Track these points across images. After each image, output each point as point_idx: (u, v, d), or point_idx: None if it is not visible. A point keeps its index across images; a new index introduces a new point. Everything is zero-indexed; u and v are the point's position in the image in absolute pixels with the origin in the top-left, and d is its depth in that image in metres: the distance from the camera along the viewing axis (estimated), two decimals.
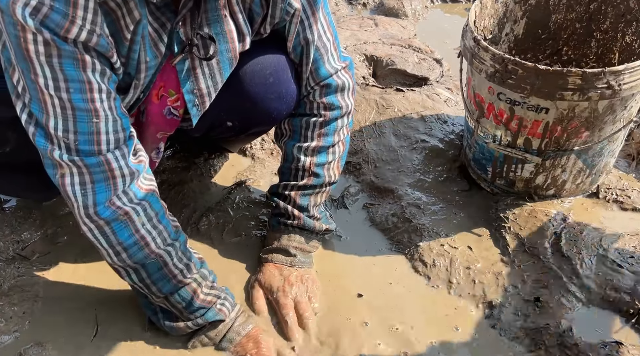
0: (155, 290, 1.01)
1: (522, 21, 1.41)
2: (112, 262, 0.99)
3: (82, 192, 0.92)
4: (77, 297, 1.18)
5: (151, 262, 0.98)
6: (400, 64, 1.81)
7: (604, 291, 1.11)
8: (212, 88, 1.04)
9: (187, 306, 1.03)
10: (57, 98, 0.85)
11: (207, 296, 1.05)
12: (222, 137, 1.34)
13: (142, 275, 0.99)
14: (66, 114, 0.87)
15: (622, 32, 1.36)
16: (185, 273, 1.02)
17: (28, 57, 0.82)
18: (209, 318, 1.06)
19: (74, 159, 0.90)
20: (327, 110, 1.16)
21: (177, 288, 1.02)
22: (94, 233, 0.95)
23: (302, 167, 1.19)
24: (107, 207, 0.93)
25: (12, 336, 1.10)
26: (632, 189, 1.33)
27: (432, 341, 1.08)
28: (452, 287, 1.17)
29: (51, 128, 0.88)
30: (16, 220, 1.34)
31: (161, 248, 0.98)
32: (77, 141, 0.89)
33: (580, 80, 1.07)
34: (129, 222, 0.95)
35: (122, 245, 0.96)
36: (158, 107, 1.06)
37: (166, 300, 1.03)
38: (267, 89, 1.11)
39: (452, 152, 1.50)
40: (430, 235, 1.26)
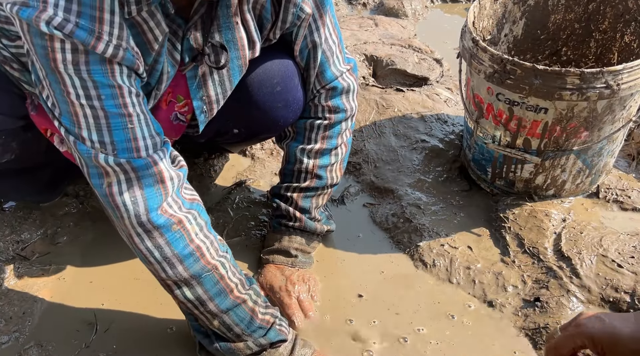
0: (213, 306, 0.93)
1: (521, 22, 1.41)
2: (167, 277, 0.90)
3: (132, 200, 0.86)
4: (77, 297, 1.18)
5: (207, 274, 0.92)
6: (400, 64, 1.81)
7: (604, 292, 1.11)
8: (220, 95, 1.04)
9: (246, 327, 0.96)
10: (88, 107, 0.82)
11: (265, 316, 0.99)
12: (227, 142, 1.34)
13: (199, 291, 0.92)
14: (99, 124, 0.83)
15: (621, 32, 1.36)
16: (240, 288, 0.96)
17: (56, 68, 0.79)
18: (271, 338, 0.98)
19: (121, 162, 0.85)
20: (332, 113, 1.15)
21: (235, 304, 0.95)
22: (147, 246, 0.88)
23: (305, 169, 1.18)
24: (160, 214, 0.87)
25: (12, 336, 1.10)
26: (632, 189, 1.33)
27: (433, 341, 1.08)
28: (452, 287, 1.16)
29: (87, 141, 0.84)
30: (16, 220, 1.34)
31: (215, 259, 0.93)
32: (116, 150, 0.85)
33: (578, 80, 1.07)
34: (183, 232, 0.89)
35: (178, 257, 0.89)
36: (166, 113, 1.06)
37: (223, 323, 0.95)
38: (275, 98, 1.10)
39: (452, 152, 1.50)
40: (430, 235, 1.26)
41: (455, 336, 1.09)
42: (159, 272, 0.91)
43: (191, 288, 0.92)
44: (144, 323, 1.13)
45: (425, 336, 1.09)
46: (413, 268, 1.22)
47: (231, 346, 0.97)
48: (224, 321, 0.95)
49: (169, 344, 1.09)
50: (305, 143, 1.18)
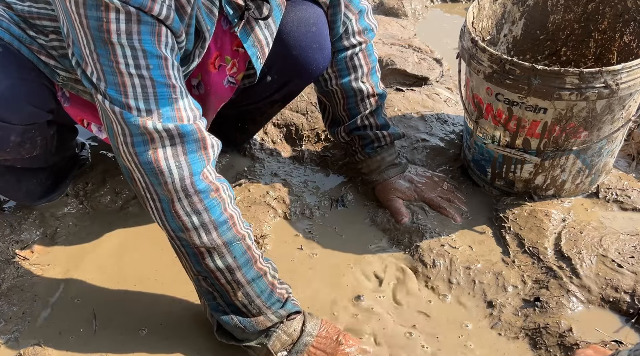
0: (240, 275, 0.97)
1: (520, 22, 1.41)
2: (201, 243, 0.94)
3: (176, 164, 0.90)
4: (76, 297, 1.19)
5: (237, 243, 0.96)
6: (400, 64, 1.81)
7: (604, 291, 1.11)
8: (269, 38, 1.10)
9: (267, 299, 1.00)
10: (137, 76, 0.86)
11: (281, 290, 1.02)
12: (254, 103, 1.35)
13: (229, 259, 0.96)
14: (147, 93, 0.88)
15: (620, 32, 1.36)
16: (262, 260, 1.01)
17: (109, 39, 0.83)
18: (289, 309, 1.02)
19: (169, 127, 0.89)
20: (364, 34, 1.27)
21: (258, 275, 0.99)
22: (187, 211, 0.92)
23: (367, 94, 1.30)
24: (202, 179, 0.92)
25: (12, 336, 1.10)
26: (632, 189, 1.33)
27: (433, 342, 1.08)
28: (452, 287, 1.17)
29: (134, 110, 0.88)
30: (16, 220, 1.34)
31: (244, 229, 0.98)
32: (161, 118, 0.89)
33: (577, 79, 1.07)
34: (220, 199, 0.94)
35: (214, 223, 0.94)
36: (218, 77, 1.12)
37: (246, 294, 0.98)
38: (311, 37, 1.18)
39: (452, 151, 1.50)
40: (430, 235, 1.26)
41: (455, 336, 1.09)
42: (194, 239, 0.94)
43: (222, 257, 0.95)
44: (144, 323, 1.13)
45: (426, 336, 1.09)
46: (413, 268, 1.22)
47: (251, 320, 1.00)
48: (247, 293, 0.98)
49: (169, 343, 1.09)
50: (354, 73, 1.29)
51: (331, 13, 1.22)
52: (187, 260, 0.98)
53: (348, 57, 1.27)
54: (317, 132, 1.59)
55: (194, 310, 1.15)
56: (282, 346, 1.02)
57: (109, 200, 1.41)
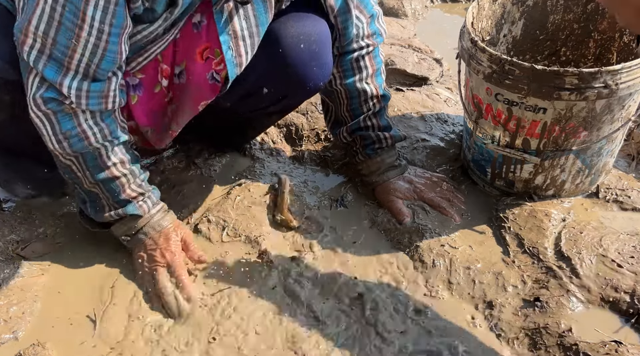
0: (89, 175, 1.10)
1: (520, 22, 1.41)
2: (53, 148, 1.07)
3: (36, 85, 1.00)
4: (76, 297, 1.18)
5: (88, 151, 1.08)
6: (400, 64, 1.81)
7: (603, 291, 1.11)
8: (246, 31, 1.09)
9: (114, 197, 1.13)
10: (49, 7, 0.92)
11: (132, 192, 1.15)
12: (249, 113, 1.35)
13: (80, 160, 1.08)
14: (51, 23, 0.93)
15: (619, 32, 1.36)
16: (118, 167, 1.11)
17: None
18: (128, 211, 1.15)
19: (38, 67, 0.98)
20: (372, 38, 1.28)
21: (108, 178, 1.11)
22: (40, 118, 1.03)
23: (370, 95, 1.31)
24: (54, 98, 1.01)
25: (12, 336, 1.10)
26: (632, 189, 1.33)
27: (433, 342, 1.08)
28: (452, 288, 1.17)
29: (32, 26, 0.94)
30: (16, 220, 1.34)
31: (99, 142, 1.07)
32: (55, 45, 0.95)
33: (577, 79, 1.07)
34: (74, 115, 1.04)
35: (65, 135, 1.05)
36: (202, 68, 1.11)
37: (97, 187, 1.12)
38: (311, 56, 1.17)
39: (452, 151, 1.50)
40: (430, 235, 1.26)
41: (455, 336, 1.08)
42: (47, 143, 1.06)
43: (73, 161, 1.09)
44: (144, 323, 1.13)
45: (426, 336, 1.09)
46: (413, 268, 1.22)
47: (98, 212, 1.17)
48: (99, 187, 1.13)
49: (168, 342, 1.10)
50: (359, 74, 1.29)
51: (341, 20, 1.21)
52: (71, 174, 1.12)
53: (354, 58, 1.28)
54: (317, 132, 1.59)
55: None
56: (122, 233, 1.19)
57: None
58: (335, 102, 1.34)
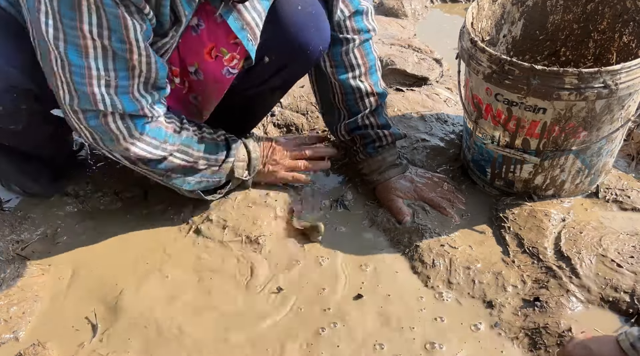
0: (195, 151, 1.19)
1: (520, 22, 1.41)
2: (163, 155, 1.14)
3: (125, 126, 1.06)
4: (77, 297, 1.19)
5: (184, 138, 1.17)
6: (400, 64, 1.81)
7: (603, 291, 1.11)
8: (258, 18, 1.12)
9: (217, 150, 1.23)
10: (99, 43, 0.95)
11: (220, 137, 1.25)
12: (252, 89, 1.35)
13: (183, 148, 1.17)
14: (107, 56, 0.97)
15: (619, 33, 1.36)
16: (198, 132, 1.21)
17: (78, 4, 0.90)
18: (235, 146, 1.26)
19: (117, 107, 1.03)
20: (358, 33, 1.29)
21: (204, 143, 1.21)
22: (141, 147, 1.10)
23: (365, 93, 1.32)
24: (143, 125, 1.08)
25: (12, 336, 1.10)
26: (631, 189, 1.33)
27: (433, 342, 1.08)
28: (452, 288, 1.17)
29: (93, 69, 0.97)
30: (16, 220, 1.34)
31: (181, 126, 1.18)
32: (117, 77, 0.99)
33: (576, 79, 1.07)
34: (159, 124, 1.12)
35: (165, 141, 1.13)
36: (215, 66, 1.16)
37: (204, 158, 1.20)
38: (309, 18, 1.19)
39: (452, 151, 1.50)
40: (430, 235, 1.26)
41: (455, 336, 1.09)
42: (157, 157, 1.13)
43: (180, 151, 1.17)
44: (144, 323, 1.13)
45: (426, 336, 1.09)
46: (412, 268, 1.22)
47: (219, 171, 1.25)
48: (204, 157, 1.21)
49: (168, 341, 1.09)
50: (352, 71, 1.31)
51: (330, 4, 1.23)
52: (153, 170, 1.17)
53: (343, 51, 1.29)
54: (317, 132, 1.59)
55: (194, 310, 1.15)
56: (243, 170, 1.30)
57: (109, 200, 1.42)
58: (330, 93, 1.35)
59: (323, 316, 1.13)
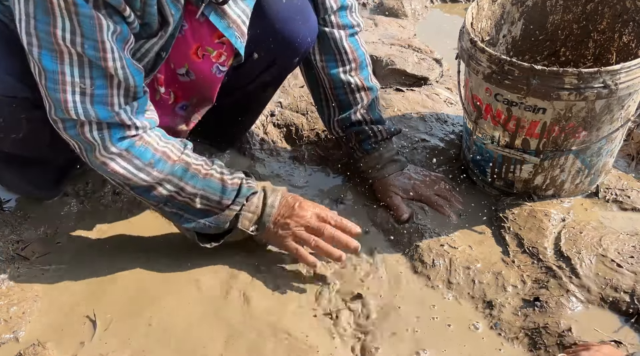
0: (190, 188, 1.10)
1: (520, 23, 1.41)
2: (146, 182, 1.07)
3: (100, 136, 1.00)
4: (77, 297, 1.19)
5: (177, 168, 1.08)
6: (400, 64, 1.81)
7: (603, 291, 1.11)
8: (242, 15, 1.11)
9: (222, 193, 1.12)
10: (74, 50, 0.92)
11: (233, 180, 1.13)
12: (243, 87, 1.35)
13: (175, 181, 1.09)
14: (82, 62, 0.94)
15: (619, 33, 1.36)
16: (205, 167, 1.12)
17: (51, 9, 0.87)
18: (245, 193, 1.13)
19: (91, 116, 0.98)
20: (344, 29, 1.29)
21: (206, 180, 1.11)
22: (122, 165, 1.03)
23: (356, 88, 1.31)
24: (124, 138, 1.03)
25: (12, 336, 1.10)
26: (631, 189, 1.33)
27: (432, 342, 1.08)
28: (452, 288, 1.17)
29: (67, 75, 0.94)
30: (16, 220, 1.35)
31: (179, 155, 1.09)
32: (94, 86, 0.96)
33: (576, 79, 1.07)
34: (146, 145, 1.05)
35: (150, 165, 1.05)
36: (204, 65, 1.14)
37: (203, 198, 1.11)
38: (294, 10, 1.19)
39: (452, 151, 1.50)
40: (430, 235, 1.26)
41: (455, 336, 1.09)
42: (138, 182, 1.06)
43: (169, 183, 1.09)
44: (144, 322, 1.13)
45: (425, 336, 1.09)
46: (412, 268, 1.22)
47: (218, 216, 1.13)
48: (203, 195, 1.11)
49: (167, 341, 1.10)
50: (342, 65, 1.30)
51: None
52: (142, 196, 1.10)
53: (333, 45, 1.29)
54: (317, 132, 1.59)
55: (190, 312, 1.16)
56: (250, 223, 1.15)
57: (109, 200, 1.42)
58: (320, 90, 1.35)
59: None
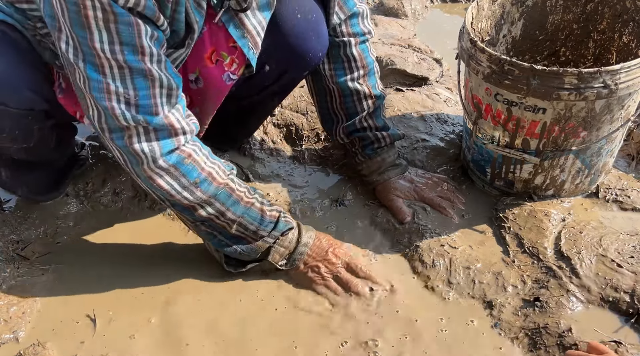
0: (231, 214, 1.09)
1: (520, 23, 1.41)
2: (189, 202, 1.06)
3: (149, 148, 0.99)
4: (77, 297, 1.19)
5: (221, 192, 1.07)
6: (400, 64, 1.81)
7: (603, 291, 1.11)
8: (258, 27, 1.12)
9: (259, 223, 1.12)
10: (113, 60, 0.91)
11: (271, 212, 1.14)
12: (252, 96, 1.36)
13: (217, 205, 1.08)
14: (124, 75, 0.93)
15: (619, 33, 1.36)
16: (248, 195, 1.12)
17: (87, 24, 0.87)
18: (281, 228, 1.14)
19: (140, 121, 0.96)
20: (355, 36, 1.29)
21: (247, 209, 1.11)
22: (167, 181, 1.02)
23: (364, 95, 1.32)
24: (173, 154, 1.01)
25: (12, 336, 1.10)
26: (631, 189, 1.33)
27: (432, 342, 1.08)
28: (452, 288, 1.17)
29: (112, 86, 0.93)
30: (16, 220, 1.35)
31: (225, 178, 1.08)
32: (137, 107, 0.95)
33: (576, 79, 1.07)
34: (194, 163, 1.04)
35: (195, 184, 1.04)
36: (216, 71, 1.14)
37: (240, 225, 1.11)
38: (308, 26, 1.19)
39: (452, 151, 1.50)
40: (430, 235, 1.26)
41: (455, 336, 1.09)
42: (181, 200, 1.05)
43: (211, 205, 1.08)
44: (144, 322, 1.13)
45: (425, 336, 1.09)
46: (412, 268, 1.22)
47: (251, 245, 1.14)
48: (241, 223, 1.11)
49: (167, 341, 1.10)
50: (350, 74, 1.31)
51: (327, 6, 1.23)
52: (181, 214, 1.10)
53: (342, 54, 1.29)
54: (317, 132, 1.59)
55: (190, 311, 1.15)
56: (280, 257, 1.16)
57: (109, 200, 1.42)
58: (327, 97, 1.35)
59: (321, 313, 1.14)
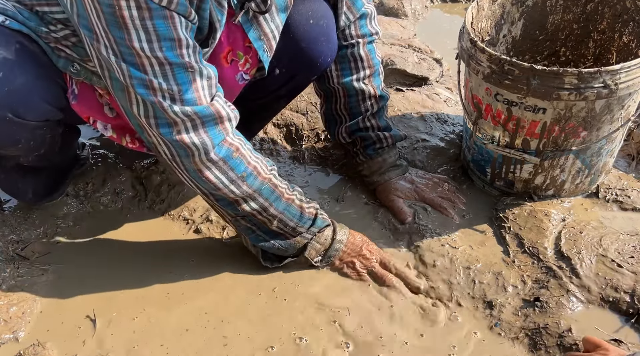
0: (273, 210, 1.11)
1: (520, 23, 1.41)
2: (235, 196, 1.07)
3: (199, 140, 1.00)
4: (76, 297, 1.19)
5: (265, 186, 1.10)
6: (400, 64, 1.81)
7: (603, 291, 1.11)
8: (275, 31, 1.13)
9: (299, 220, 1.14)
10: (153, 58, 0.91)
11: (310, 209, 1.17)
12: (260, 98, 1.35)
13: (260, 200, 1.10)
14: (165, 71, 0.93)
15: (619, 33, 1.36)
16: (289, 191, 1.14)
17: (124, 24, 0.87)
18: (319, 225, 1.17)
19: (188, 112, 0.97)
20: (363, 38, 1.30)
21: (288, 205, 1.13)
22: (215, 174, 1.04)
23: (369, 95, 1.33)
24: (222, 146, 1.03)
25: (12, 336, 1.11)
26: (631, 189, 1.33)
27: (433, 342, 1.08)
28: (452, 287, 1.17)
29: (155, 83, 0.93)
30: (16, 220, 1.35)
31: (268, 173, 1.10)
32: (182, 100, 0.96)
33: (576, 79, 1.07)
34: (242, 157, 1.06)
35: (242, 178, 1.06)
36: (230, 71, 1.14)
37: (280, 221, 1.13)
38: (320, 31, 1.20)
39: (452, 151, 1.50)
40: (430, 235, 1.26)
41: (455, 336, 1.09)
42: (227, 194, 1.07)
43: (255, 200, 1.10)
44: (144, 322, 1.13)
45: (425, 337, 1.09)
46: (413, 268, 1.22)
47: (290, 241, 1.16)
48: (281, 220, 1.13)
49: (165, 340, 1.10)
50: (356, 74, 1.31)
51: (336, 7, 1.24)
52: (223, 209, 1.11)
53: (349, 54, 1.29)
54: (317, 132, 1.59)
55: (189, 312, 1.16)
56: (316, 253, 1.19)
57: (109, 200, 1.42)
58: (332, 98, 1.35)
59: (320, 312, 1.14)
